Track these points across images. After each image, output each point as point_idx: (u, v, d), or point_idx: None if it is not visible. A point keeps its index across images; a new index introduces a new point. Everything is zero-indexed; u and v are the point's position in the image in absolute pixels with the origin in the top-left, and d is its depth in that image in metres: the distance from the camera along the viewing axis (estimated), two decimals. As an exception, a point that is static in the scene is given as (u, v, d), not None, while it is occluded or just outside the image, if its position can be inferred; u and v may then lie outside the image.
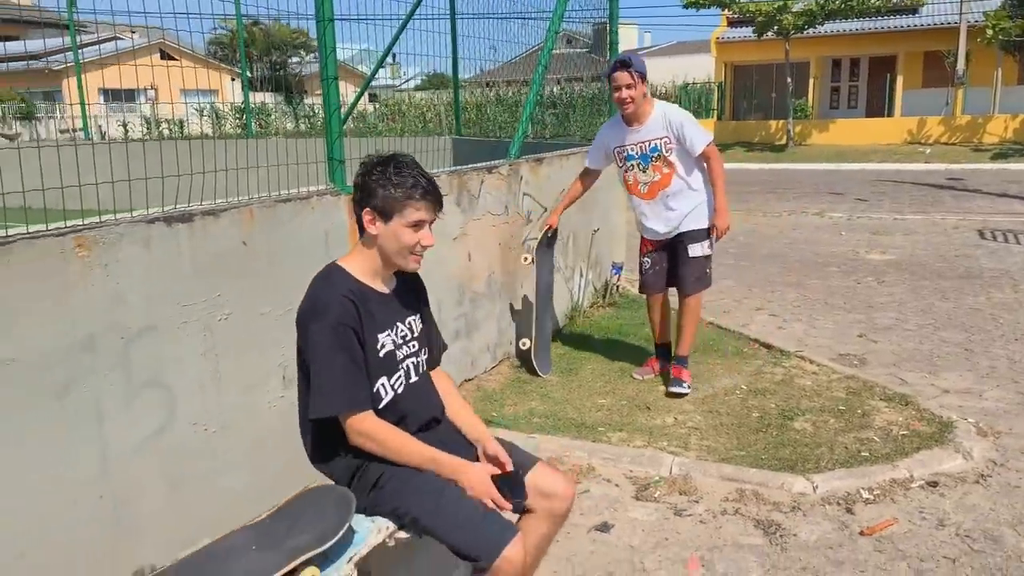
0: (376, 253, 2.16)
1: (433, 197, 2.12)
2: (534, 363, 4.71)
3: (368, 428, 2.07)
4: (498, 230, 4.77)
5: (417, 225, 2.10)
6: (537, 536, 2.20)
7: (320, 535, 1.86)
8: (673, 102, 5.06)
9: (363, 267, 2.17)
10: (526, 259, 4.74)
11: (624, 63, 4.19)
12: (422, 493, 2.07)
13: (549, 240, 4.87)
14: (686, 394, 4.38)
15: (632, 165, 4.40)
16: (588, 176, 4.72)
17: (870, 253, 8.58)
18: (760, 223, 10.98)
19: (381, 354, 2.14)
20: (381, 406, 2.14)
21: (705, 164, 4.32)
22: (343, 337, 2.04)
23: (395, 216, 2.09)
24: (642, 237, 4.63)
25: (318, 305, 2.08)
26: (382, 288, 2.21)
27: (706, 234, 4.38)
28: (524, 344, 4.75)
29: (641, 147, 4.33)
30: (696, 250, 4.39)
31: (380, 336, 2.14)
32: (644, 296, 4.77)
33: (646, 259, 4.62)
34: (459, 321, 4.46)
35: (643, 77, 4.21)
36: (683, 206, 4.34)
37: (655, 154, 4.30)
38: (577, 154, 5.87)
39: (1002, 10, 21.32)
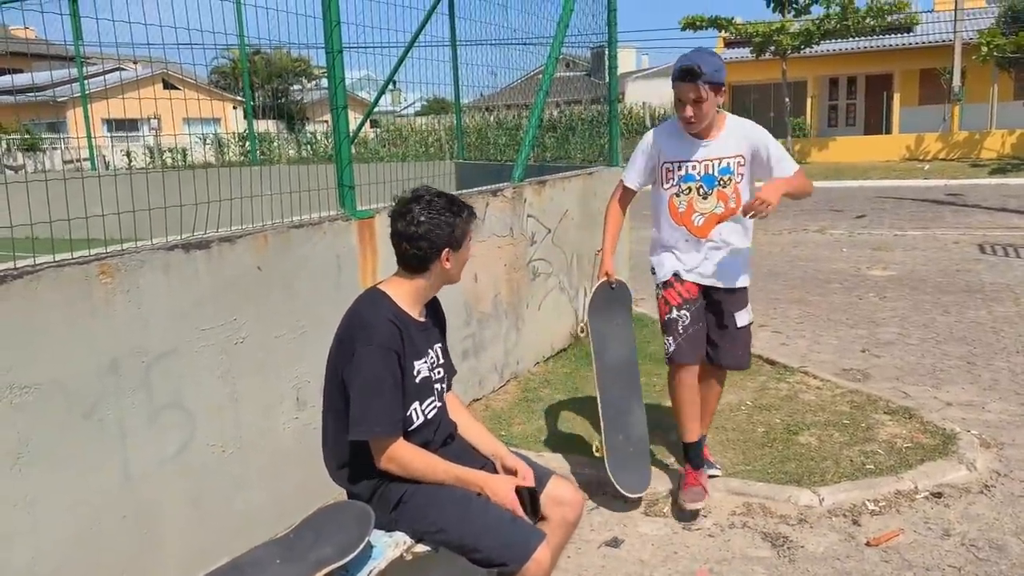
0: (430, 285, 2.26)
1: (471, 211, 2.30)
2: (611, 476, 3.43)
3: (398, 454, 2.15)
4: (503, 251, 4.86)
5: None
6: (552, 545, 2.26)
7: (341, 548, 1.93)
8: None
9: (407, 297, 2.25)
10: (581, 331, 3.64)
11: (690, 72, 3.11)
12: (449, 504, 2.14)
13: (609, 296, 3.65)
14: (719, 475, 3.63)
15: (689, 188, 3.33)
16: (626, 198, 3.65)
17: (871, 269, 8.66)
18: (762, 241, 11.07)
19: (417, 380, 2.22)
20: (411, 428, 2.22)
21: None
22: (389, 362, 2.11)
23: (464, 243, 2.25)
24: (667, 282, 3.42)
25: (367, 328, 2.15)
26: (419, 317, 2.29)
27: (746, 296, 3.52)
28: (597, 450, 3.49)
29: (708, 166, 3.30)
30: (744, 317, 3.48)
31: (416, 363, 2.22)
32: (670, 367, 3.44)
33: (683, 312, 3.35)
34: (467, 342, 4.53)
35: (717, 88, 3.16)
36: (742, 252, 3.42)
37: (726, 176, 3.29)
38: (579, 176, 5.97)
39: (996, 27, 21.57)
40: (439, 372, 2.35)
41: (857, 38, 23.75)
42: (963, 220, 12.19)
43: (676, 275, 3.39)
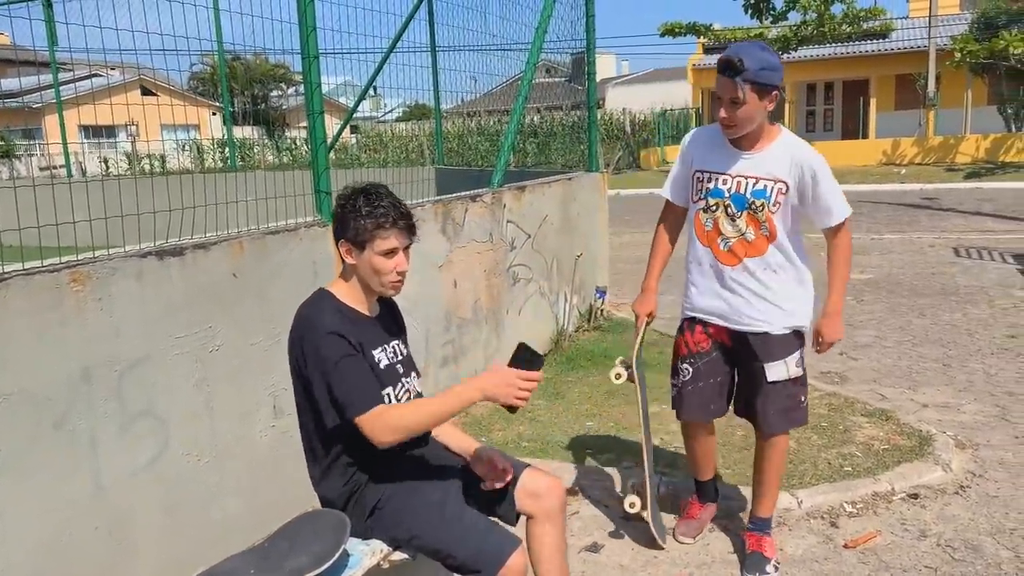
0: (356, 282, 2.22)
1: (404, 224, 2.16)
2: (652, 529, 3.13)
3: (394, 419, 2.02)
4: (483, 257, 4.85)
5: (390, 253, 2.15)
6: (549, 538, 2.27)
7: (317, 557, 1.91)
8: (652, 128, 3.55)
9: (348, 294, 2.23)
10: (619, 377, 3.05)
11: (729, 65, 2.63)
12: (422, 510, 2.13)
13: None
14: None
15: (716, 204, 2.84)
16: (671, 215, 3.12)
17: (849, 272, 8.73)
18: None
19: (381, 366, 2.20)
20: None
21: (827, 241, 2.93)
22: (338, 342, 2.07)
23: (367, 246, 2.14)
24: (681, 326, 3.05)
25: (311, 323, 2.12)
26: (366, 312, 2.27)
27: (796, 342, 2.88)
28: (632, 506, 3.13)
29: (740, 183, 2.79)
30: (778, 371, 2.84)
31: (375, 352, 2.20)
32: (676, 413, 3.12)
33: (685, 366, 2.99)
34: (446, 348, 4.52)
35: (763, 90, 2.64)
36: (780, 292, 2.84)
37: (759, 200, 2.76)
38: (559, 181, 5.99)
39: (969, 34, 21.89)
40: (402, 367, 2.31)
41: (834, 44, 24.01)
42: (939, 224, 12.34)
43: (691, 320, 2.99)
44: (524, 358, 2.03)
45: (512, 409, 2.03)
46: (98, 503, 2.49)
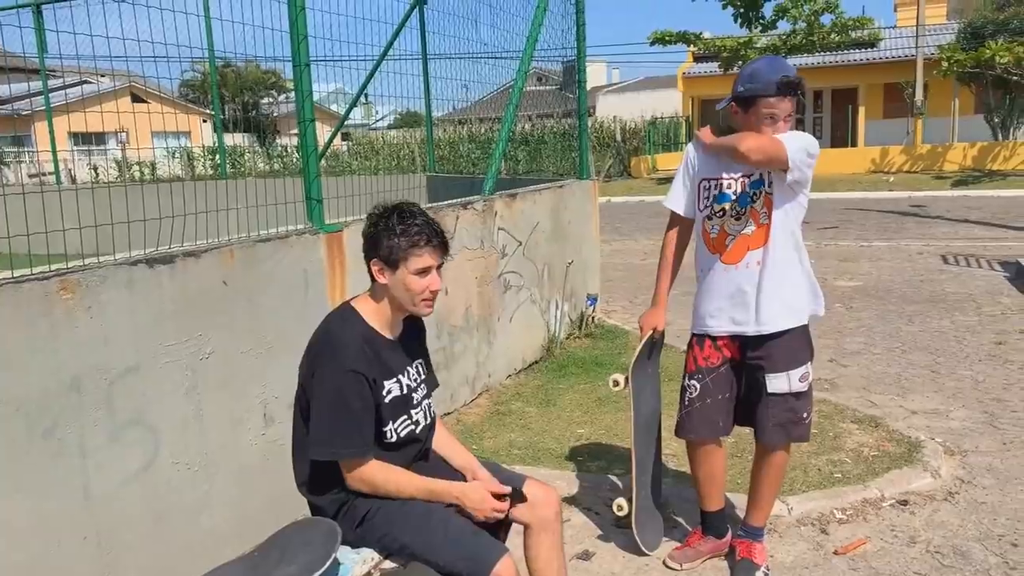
0: (387, 302, 2.21)
1: (438, 242, 2.16)
2: (636, 535, 3.14)
3: (368, 475, 2.14)
4: (474, 264, 4.86)
5: (424, 272, 2.14)
6: (546, 547, 2.29)
7: (307, 566, 1.90)
8: (642, 136, 3.54)
9: (376, 315, 2.22)
10: (616, 384, 3.11)
11: (794, 85, 2.70)
12: (411, 519, 2.13)
13: (651, 350, 3.25)
14: None
15: (723, 210, 2.85)
16: (678, 225, 3.09)
17: (838, 280, 8.78)
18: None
19: (387, 399, 2.20)
20: (386, 445, 2.21)
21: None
22: (356, 383, 2.09)
23: (401, 265, 2.13)
24: (690, 341, 3.03)
25: (335, 348, 2.13)
26: (391, 335, 2.26)
27: (805, 354, 2.91)
28: (620, 509, 3.17)
29: (744, 182, 2.82)
30: (779, 383, 2.84)
31: (387, 383, 2.20)
32: (682, 434, 3.06)
33: (693, 382, 2.95)
34: (438, 355, 4.51)
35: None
36: (784, 282, 2.85)
37: (757, 191, 2.81)
38: (550, 189, 6.00)
39: (955, 43, 22.10)
40: (422, 390, 2.33)
41: (823, 53, 24.19)
42: (927, 231, 12.43)
43: (701, 335, 2.96)
44: (508, 498, 2.20)
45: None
46: (87, 512, 2.47)
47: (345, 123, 9.65)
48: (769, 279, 2.82)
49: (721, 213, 2.85)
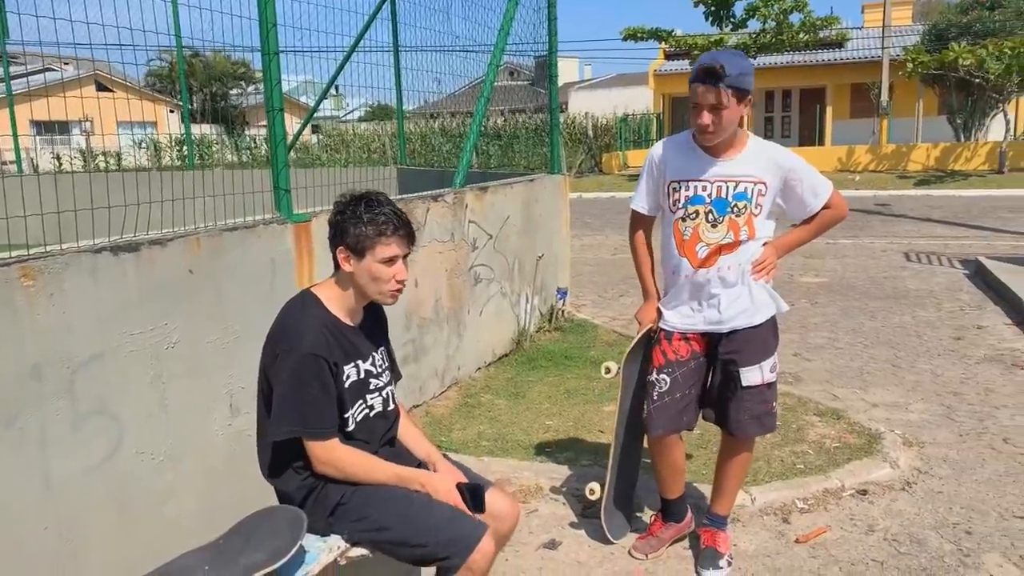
0: (351, 290, 2.21)
1: (405, 232, 2.17)
2: (603, 523, 3.21)
3: (335, 458, 2.14)
4: (444, 257, 4.86)
5: (390, 261, 2.15)
6: None
7: (273, 553, 1.90)
8: (614, 133, 3.49)
9: (337, 301, 2.23)
10: (608, 371, 3.13)
11: (712, 72, 2.61)
12: (390, 502, 2.15)
13: (646, 345, 3.14)
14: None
15: (696, 212, 2.83)
16: (642, 224, 3.13)
17: (803, 276, 8.91)
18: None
19: (347, 384, 2.20)
20: (346, 431, 2.21)
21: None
22: (314, 366, 2.10)
23: (367, 253, 2.14)
24: (657, 336, 3.02)
25: (293, 332, 2.13)
26: (352, 322, 2.27)
27: (772, 345, 2.97)
28: (592, 492, 3.20)
29: (721, 188, 2.80)
30: (752, 376, 2.90)
31: (347, 368, 2.20)
32: (648, 430, 3.07)
33: (661, 376, 2.94)
34: (407, 347, 4.51)
35: (742, 95, 2.67)
36: (744, 289, 2.89)
37: (740, 203, 2.79)
38: (521, 182, 6.02)
39: (920, 45, 22.50)
40: (384, 378, 2.34)
41: (791, 52, 24.48)
42: (890, 229, 12.65)
43: (668, 329, 2.97)
44: (470, 494, 2.24)
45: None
46: (48, 503, 2.44)
47: (315, 115, 9.56)
48: (741, 279, 2.87)
49: (695, 215, 2.84)
